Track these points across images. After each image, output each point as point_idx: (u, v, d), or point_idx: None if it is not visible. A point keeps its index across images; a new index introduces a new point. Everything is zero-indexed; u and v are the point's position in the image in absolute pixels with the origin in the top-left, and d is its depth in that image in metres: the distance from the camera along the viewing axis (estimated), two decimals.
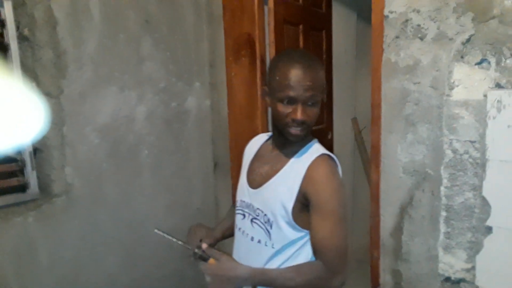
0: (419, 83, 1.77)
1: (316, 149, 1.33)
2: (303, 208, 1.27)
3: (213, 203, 2.72)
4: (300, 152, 1.33)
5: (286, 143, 1.35)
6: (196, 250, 1.31)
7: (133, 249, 2.27)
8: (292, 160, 1.32)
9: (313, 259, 1.30)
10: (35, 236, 1.90)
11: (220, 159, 2.70)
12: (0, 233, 1.81)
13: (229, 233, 1.56)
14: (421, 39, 1.75)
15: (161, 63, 2.32)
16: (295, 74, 1.22)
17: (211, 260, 1.29)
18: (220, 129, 2.67)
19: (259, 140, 1.54)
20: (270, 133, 1.51)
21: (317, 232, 1.25)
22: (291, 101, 1.24)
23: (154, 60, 2.29)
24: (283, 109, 1.25)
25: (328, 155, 1.32)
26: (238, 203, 1.46)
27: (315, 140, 1.39)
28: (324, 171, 1.26)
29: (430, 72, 1.74)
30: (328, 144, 3.30)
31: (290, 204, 1.27)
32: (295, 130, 1.27)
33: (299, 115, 1.23)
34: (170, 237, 1.35)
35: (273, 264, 1.32)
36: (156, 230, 1.37)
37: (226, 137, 2.64)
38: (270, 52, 2.45)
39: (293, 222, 1.28)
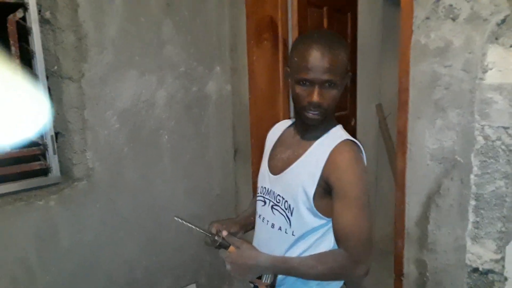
0: (450, 66, 1.69)
1: (339, 134, 1.29)
2: (325, 194, 1.23)
3: (233, 190, 2.70)
4: (323, 137, 1.29)
5: (308, 128, 1.31)
6: (216, 238, 1.29)
7: (152, 234, 2.27)
8: (315, 145, 1.28)
9: (335, 247, 1.27)
10: (57, 219, 1.92)
11: (241, 145, 2.67)
12: (22, 216, 1.83)
13: (253, 221, 1.52)
14: (453, 19, 1.66)
15: (182, 47, 2.29)
16: (313, 56, 1.19)
17: (231, 248, 1.27)
18: (241, 115, 2.63)
19: (282, 125, 1.50)
20: (293, 119, 1.47)
21: (340, 219, 1.21)
22: (308, 83, 1.20)
23: (175, 44, 2.25)
24: (300, 91, 1.22)
25: (352, 141, 1.27)
26: (259, 190, 1.43)
27: (339, 125, 1.34)
28: (347, 157, 1.22)
29: (462, 55, 1.66)
30: (351, 131, 3.22)
31: (311, 190, 1.23)
32: (312, 114, 1.23)
33: (314, 98, 1.20)
34: (190, 225, 1.33)
35: (294, 252, 1.29)
36: (175, 217, 1.35)
37: (247, 123, 2.60)
38: (293, 36, 2.39)
39: (314, 209, 1.24)
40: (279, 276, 1.30)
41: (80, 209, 1.99)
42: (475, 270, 1.73)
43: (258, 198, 1.43)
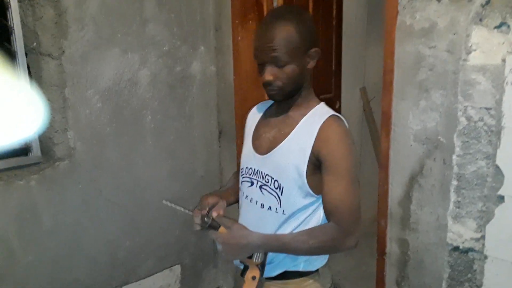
0: (434, 47, 1.70)
1: (326, 110, 1.31)
2: (315, 171, 1.25)
3: (217, 171, 2.69)
4: (309, 114, 1.30)
5: (292, 106, 1.33)
6: (206, 219, 1.29)
7: (135, 215, 2.25)
8: (302, 121, 1.29)
9: (324, 223, 1.29)
10: (38, 199, 1.89)
11: (225, 126, 2.65)
12: (3, 195, 1.79)
13: (232, 198, 1.53)
14: (438, 0, 1.66)
15: (165, 25, 2.24)
16: (259, 37, 1.24)
17: (222, 229, 1.27)
18: (225, 96, 2.60)
19: (263, 105, 1.50)
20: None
21: (330, 192, 1.23)
22: (261, 63, 1.25)
23: (158, 22, 2.21)
24: (259, 72, 1.26)
25: (338, 116, 1.30)
26: (244, 171, 1.41)
27: (323, 102, 1.35)
28: (337, 131, 1.24)
29: (446, 36, 1.66)
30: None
31: (303, 167, 1.24)
32: (270, 92, 1.27)
33: (265, 77, 1.24)
34: (179, 208, 1.32)
35: (285, 230, 1.30)
36: (164, 201, 1.34)
37: (232, 103, 2.58)
38: None
39: (306, 186, 1.25)
40: (269, 254, 1.30)
41: (62, 189, 1.95)
42: (456, 248, 1.77)
43: (243, 179, 1.42)
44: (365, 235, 3.62)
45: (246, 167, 1.40)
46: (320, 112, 1.29)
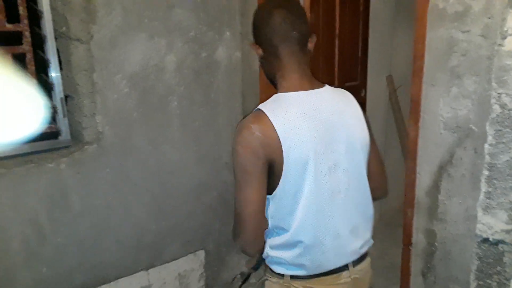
0: (468, 31, 1.64)
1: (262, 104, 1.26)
2: None
3: None
4: None
5: None
6: None
7: (161, 199, 2.27)
8: None
9: (272, 220, 1.27)
10: (68, 182, 1.92)
11: (250, 113, 2.64)
12: (33, 177, 1.83)
13: None
14: None
15: (191, 10, 2.23)
16: None
17: None
18: (250, 82, 2.59)
19: None
20: None
21: None
22: None
23: (184, 7, 2.20)
24: None
25: (255, 111, 1.23)
26: None
27: (275, 94, 1.28)
28: (237, 128, 1.23)
29: (481, 19, 1.60)
30: (361, 102, 3.18)
31: None
32: None
33: None
34: None
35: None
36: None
37: (257, 91, 2.57)
38: (304, 0, 2.33)
39: None
40: None
41: (90, 172, 1.99)
42: (485, 240, 1.73)
43: None
44: (388, 225, 3.58)
45: None
46: None
